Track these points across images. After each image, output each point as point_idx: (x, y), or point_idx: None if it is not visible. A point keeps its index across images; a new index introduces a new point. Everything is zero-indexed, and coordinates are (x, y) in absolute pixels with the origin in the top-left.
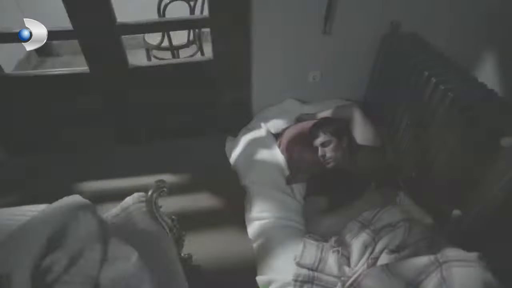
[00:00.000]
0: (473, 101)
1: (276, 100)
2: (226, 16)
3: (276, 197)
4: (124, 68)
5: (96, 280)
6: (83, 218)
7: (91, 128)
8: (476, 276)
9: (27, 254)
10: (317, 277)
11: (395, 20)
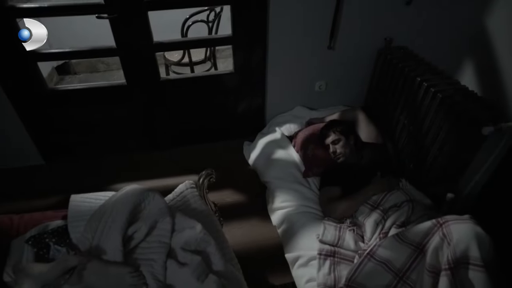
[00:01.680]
0: (458, 100)
1: (287, 108)
2: (246, 35)
3: (294, 189)
4: (156, 80)
5: (169, 245)
6: (152, 198)
7: (124, 134)
8: (469, 229)
9: (116, 225)
10: (338, 251)
11: (388, 36)
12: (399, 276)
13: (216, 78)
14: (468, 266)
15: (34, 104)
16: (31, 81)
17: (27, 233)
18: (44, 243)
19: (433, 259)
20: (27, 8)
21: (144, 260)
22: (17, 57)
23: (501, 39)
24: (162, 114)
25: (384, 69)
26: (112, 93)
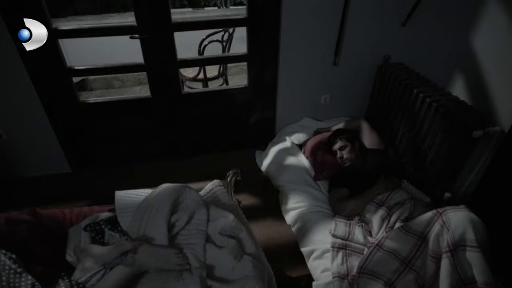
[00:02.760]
0: (451, 109)
1: (295, 119)
2: (260, 53)
3: (306, 191)
4: (178, 94)
5: (206, 232)
6: (188, 193)
7: (146, 144)
8: (465, 215)
9: (161, 214)
10: (349, 245)
11: (386, 53)
12: (405, 263)
13: (231, 92)
14: (465, 248)
15: (66, 115)
16: (65, 94)
17: (81, 223)
18: (100, 230)
19: (435, 245)
20: (69, 29)
21: (186, 245)
22: (56, 72)
23: (487, 54)
24: (182, 125)
25: (384, 83)
26: (138, 105)
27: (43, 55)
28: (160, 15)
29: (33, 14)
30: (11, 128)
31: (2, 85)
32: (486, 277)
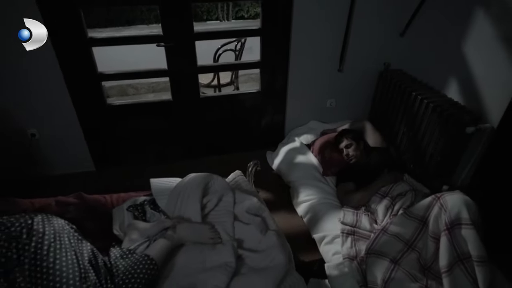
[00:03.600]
0: (446, 108)
1: (303, 122)
2: (271, 61)
3: (315, 185)
4: (197, 97)
5: (233, 213)
6: (216, 179)
7: (165, 144)
8: (460, 197)
9: (194, 197)
10: (356, 231)
11: (386, 61)
12: (408, 245)
13: (245, 97)
14: (461, 226)
15: (93, 117)
16: (94, 97)
17: (123, 204)
18: (142, 209)
19: (434, 227)
20: (102, 38)
21: (216, 222)
22: (88, 77)
23: (477, 60)
24: (198, 126)
25: (385, 87)
26: (159, 108)
27: (78, 61)
28: (184, 26)
29: (73, 24)
30: (43, 128)
31: (39, 88)
32: (479, 251)
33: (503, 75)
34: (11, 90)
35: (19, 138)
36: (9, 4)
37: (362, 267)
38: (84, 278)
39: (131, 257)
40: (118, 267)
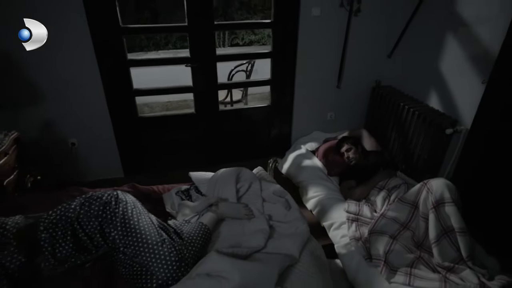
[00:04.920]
0: (429, 115)
1: (307, 132)
2: (280, 79)
3: (322, 184)
4: (216, 111)
5: (261, 197)
6: (245, 171)
7: (187, 152)
8: (443, 181)
9: (230, 183)
10: (360, 218)
11: (377, 79)
12: (404, 226)
13: (257, 110)
14: (444, 204)
15: (126, 128)
16: (129, 110)
17: (171, 191)
18: (187, 194)
19: (424, 208)
20: (140, 59)
21: (249, 203)
22: (125, 93)
23: (450, 75)
24: (217, 136)
25: (377, 101)
26: (184, 120)
27: (118, 79)
28: (207, 49)
29: (117, 49)
30: (82, 138)
31: (82, 102)
32: (460, 223)
33: (471, 86)
34: (57, 104)
35: (61, 147)
36: (64, 31)
37: (366, 245)
38: (159, 234)
39: (189, 224)
40: (182, 230)
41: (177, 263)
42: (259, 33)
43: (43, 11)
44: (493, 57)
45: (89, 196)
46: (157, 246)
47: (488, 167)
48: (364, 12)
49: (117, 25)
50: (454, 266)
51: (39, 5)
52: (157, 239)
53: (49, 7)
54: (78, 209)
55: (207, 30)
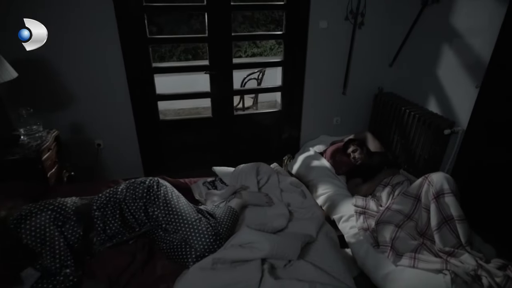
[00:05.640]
0: (428, 118)
1: (314, 136)
2: (290, 85)
3: (330, 182)
4: (231, 115)
5: (279, 187)
6: (263, 165)
7: (205, 153)
8: (442, 174)
9: (252, 175)
10: (366, 211)
11: (380, 86)
12: (408, 217)
13: (269, 115)
14: (444, 195)
15: (148, 130)
16: (151, 114)
17: (198, 182)
18: (213, 184)
19: (425, 200)
20: (164, 67)
21: (268, 192)
22: (149, 98)
23: (446, 81)
24: (232, 139)
25: (380, 106)
26: (202, 123)
27: (143, 84)
28: (225, 58)
29: (143, 58)
30: (107, 139)
31: (110, 106)
32: (458, 212)
33: (466, 91)
34: (87, 108)
35: (89, 147)
36: (98, 43)
37: (373, 234)
38: (196, 213)
39: (219, 208)
40: (214, 212)
41: (213, 237)
42: (262, 46)
43: (80, 27)
44: (484, 64)
45: (133, 182)
46: (196, 222)
47: (484, 164)
48: (367, 25)
49: (145, 35)
50: (454, 251)
51: (76, 20)
52: (195, 216)
53: (84, 25)
54: (125, 192)
55: (225, 41)
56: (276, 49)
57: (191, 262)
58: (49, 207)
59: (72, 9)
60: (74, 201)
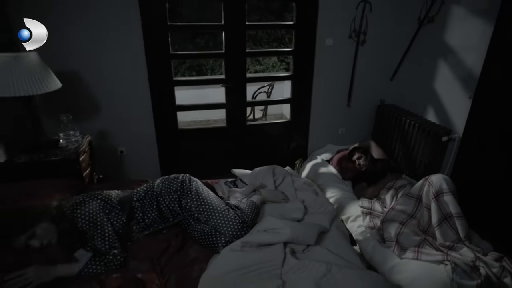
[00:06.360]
0: (427, 126)
1: (321, 145)
2: (298, 97)
3: (337, 186)
4: (244, 125)
5: (294, 187)
6: (278, 167)
7: (217, 160)
8: (441, 175)
9: (269, 175)
10: (372, 212)
11: (382, 98)
12: (410, 216)
13: (278, 125)
14: (443, 194)
15: (168, 138)
16: (171, 123)
17: (220, 182)
18: (234, 183)
19: (426, 199)
20: (184, 80)
21: (284, 190)
22: (170, 108)
23: (443, 94)
24: (244, 147)
25: (382, 117)
26: (217, 132)
27: (165, 96)
28: (239, 72)
29: (165, 71)
30: (129, 146)
31: (132, 116)
32: (457, 209)
33: (460, 101)
34: (111, 117)
35: (112, 154)
36: (125, 58)
37: (379, 232)
38: (224, 204)
39: (242, 203)
40: (239, 205)
41: (240, 224)
42: (264, 63)
43: (112, 41)
44: (476, 77)
45: (167, 177)
46: (225, 212)
47: (480, 167)
48: (369, 43)
49: (168, 51)
50: (454, 245)
51: (106, 38)
52: (224, 207)
53: (115, 45)
54: (161, 186)
55: (240, 57)
56: (278, 66)
57: (221, 247)
58: (98, 196)
59: (108, 34)
60: (117, 193)
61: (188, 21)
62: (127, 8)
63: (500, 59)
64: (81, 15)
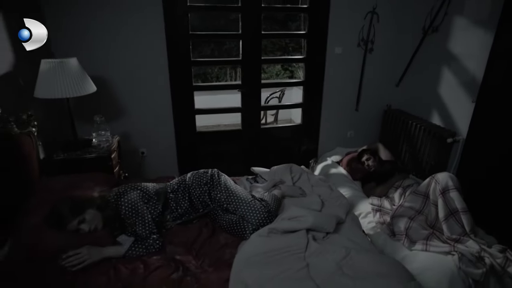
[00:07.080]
0: (433, 129)
1: (331, 148)
2: (310, 102)
3: (348, 186)
4: (258, 128)
5: (310, 184)
6: (294, 166)
7: (235, 161)
8: (446, 174)
9: (287, 173)
10: (381, 209)
11: (388, 103)
12: (418, 212)
13: (291, 128)
14: (449, 191)
15: (186, 140)
16: (189, 125)
17: (241, 179)
18: (255, 179)
19: (433, 196)
20: (203, 85)
21: (301, 186)
22: (188, 111)
23: (447, 98)
24: (258, 149)
25: (389, 121)
26: (233, 134)
27: (185, 101)
28: (255, 78)
29: (186, 76)
30: (149, 147)
31: (154, 119)
32: (462, 204)
33: (464, 105)
34: (135, 120)
35: (134, 155)
36: (149, 66)
37: (390, 227)
38: (250, 196)
39: (265, 196)
40: (263, 197)
41: (266, 213)
42: (268, 71)
43: (140, 51)
44: (478, 83)
45: (197, 172)
46: (251, 202)
47: (484, 167)
48: (376, 51)
49: (189, 58)
50: (460, 238)
51: (136, 50)
52: (250, 198)
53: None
54: (192, 179)
55: (255, 64)
56: (282, 74)
57: (249, 234)
58: (137, 187)
59: (136, 47)
60: (153, 185)
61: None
62: (155, 20)
63: (500, 65)
64: (118, 31)
